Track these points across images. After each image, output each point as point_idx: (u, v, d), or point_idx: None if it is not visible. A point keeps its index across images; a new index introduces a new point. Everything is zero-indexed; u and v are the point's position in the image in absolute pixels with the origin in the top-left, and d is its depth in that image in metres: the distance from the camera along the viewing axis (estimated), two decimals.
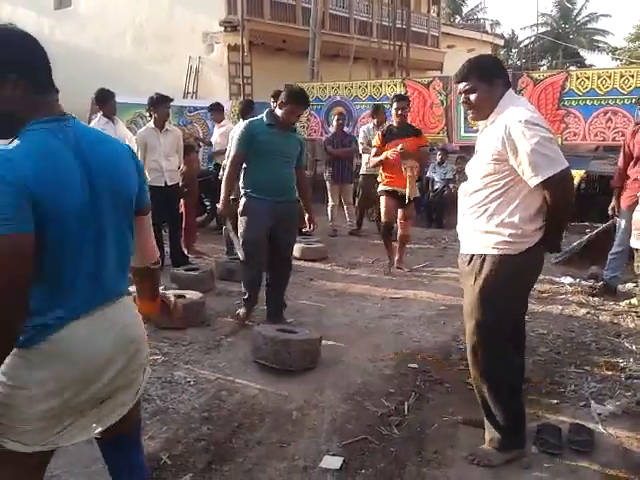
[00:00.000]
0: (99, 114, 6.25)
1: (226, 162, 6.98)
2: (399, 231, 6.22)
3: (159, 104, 6.15)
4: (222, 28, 12.56)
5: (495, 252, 2.56)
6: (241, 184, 4.45)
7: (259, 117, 4.45)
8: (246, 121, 4.66)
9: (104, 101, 6.17)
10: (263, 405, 3.27)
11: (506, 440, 2.72)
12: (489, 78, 2.58)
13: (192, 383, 3.52)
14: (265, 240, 4.38)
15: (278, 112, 4.33)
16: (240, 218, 4.42)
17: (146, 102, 6.28)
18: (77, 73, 11.68)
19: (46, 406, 1.51)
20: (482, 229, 2.59)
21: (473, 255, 2.65)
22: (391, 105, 6.48)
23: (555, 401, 3.30)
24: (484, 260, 2.59)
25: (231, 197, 4.54)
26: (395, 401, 3.32)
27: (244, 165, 4.39)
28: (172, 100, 6.41)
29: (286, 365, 3.62)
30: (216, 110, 8.49)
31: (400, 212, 6.08)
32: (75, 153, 1.52)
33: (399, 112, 6.07)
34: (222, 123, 8.35)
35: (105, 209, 1.57)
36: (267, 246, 4.42)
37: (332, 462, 2.73)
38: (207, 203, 8.72)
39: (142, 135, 6.15)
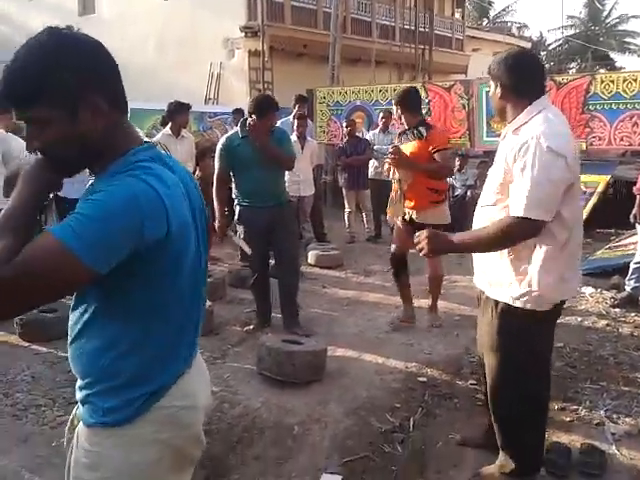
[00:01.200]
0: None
1: None
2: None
3: (177, 112, 6.15)
4: (243, 34, 12.59)
5: None
6: (233, 194, 4.50)
7: (234, 130, 4.51)
8: (223, 137, 4.65)
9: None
10: (264, 419, 3.19)
11: (520, 467, 2.59)
12: (493, 75, 2.38)
13: None
14: (264, 245, 4.45)
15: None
16: (238, 227, 4.51)
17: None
18: None
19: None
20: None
21: None
22: None
23: (568, 419, 3.16)
24: None
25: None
26: (400, 417, 3.22)
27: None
28: (190, 107, 6.40)
29: (290, 377, 3.53)
30: (238, 115, 8.56)
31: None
32: (185, 190, 1.30)
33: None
34: None
35: (202, 248, 1.38)
36: (268, 251, 4.55)
37: None
38: (226, 208, 8.69)
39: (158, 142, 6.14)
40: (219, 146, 4.44)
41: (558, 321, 4.55)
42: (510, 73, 2.32)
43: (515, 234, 2.16)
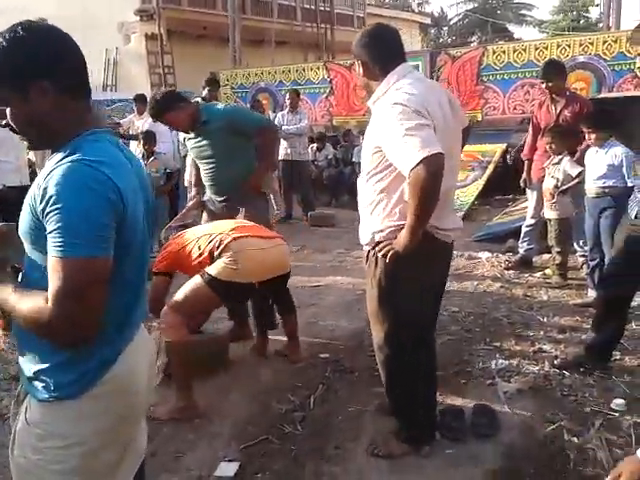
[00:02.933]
0: None
1: None
2: None
3: None
4: (138, 17, 12.12)
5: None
6: None
7: None
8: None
9: None
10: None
11: (412, 433, 2.64)
12: (356, 54, 2.42)
13: None
14: None
15: None
16: None
17: None
18: None
19: (111, 455, 1.42)
20: None
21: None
22: None
23: (462, 381, 3.26)
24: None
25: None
26: (301, 395, 3.22)
27: None
28: None
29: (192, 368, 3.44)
30: (139, 101, 8.21)
31: None
32: (134, 170, 1.42)
33: None
34: (143, 115, 8.05)
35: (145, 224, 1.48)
36: None
37: (227, 469, 2.60)
38: None
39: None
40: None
41: (455, 287, 4.75)
42: (365, 49, 2.37)
43: (427, 178, 2.07)
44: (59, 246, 1.20)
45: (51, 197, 1.21)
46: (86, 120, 1.38)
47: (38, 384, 1.36)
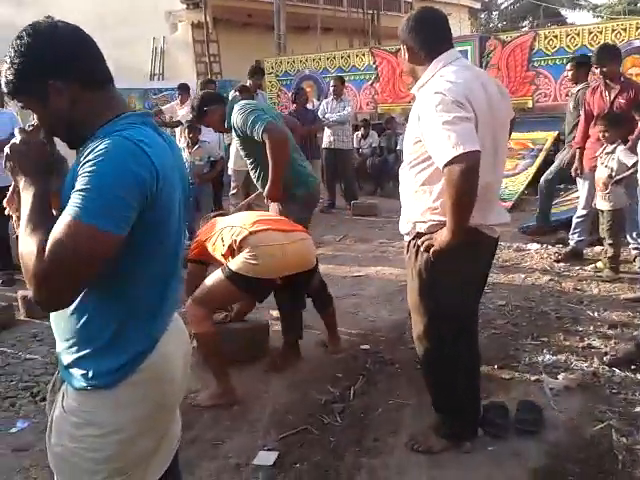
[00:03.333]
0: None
1: None
2: None
3: None
4: (184, 6, 12.17)
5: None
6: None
7: None
8: None
9: None
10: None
11: (453, 429, 2.59)
12: (402, 39, 2.35)
13: None
14: None
15: None
16: None
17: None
18: None
19: (148, 443, 1.43)
20: None
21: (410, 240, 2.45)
22: None
23: (507, 377, 3.18)
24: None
25: None
26: (341, 386, 3.19)
27: None
28: None
29: (231, 356, 3.45)
30: (183, 90, 8.32)
31: None
32: (174, 155, 1.43)
33: None
34: (186, 104, 8.13)
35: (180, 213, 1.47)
36: None
37: (266, 458, 2.60)
38: None
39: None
40: None
41: (502, 279, 4.63)
42: (412, 34, 2.30)
43: (460, 177, 2.03)
44: (78, 207, 1.17)
45: (88, 161, 1.21)
46: (113, 106, 1.36)
47: (76, 372, 1.36)
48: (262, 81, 8.94)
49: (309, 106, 8.47)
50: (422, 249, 2.32)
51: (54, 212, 1.31)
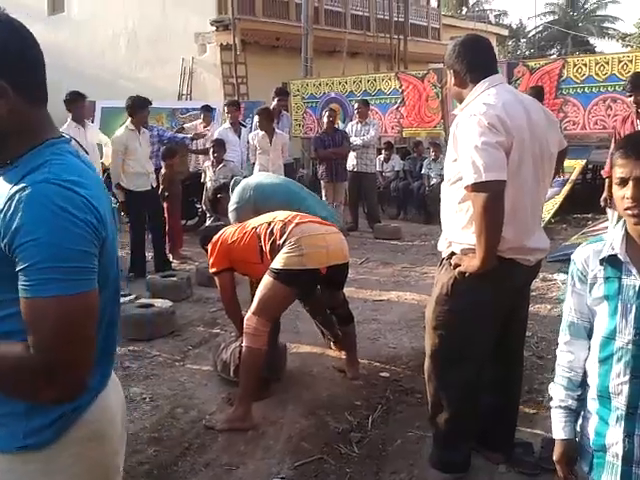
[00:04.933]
0: (69, 119, 5.98)
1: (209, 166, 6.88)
2: None
3: (139, 106, 5.99)
4: (214, 28, 12.37)
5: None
6: None
7: None
8: None
9: (71, 105, 5.93)
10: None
11: (443, 458, 2.51)
12: (446, 64, 2.41)
13: (147, 400, 3.33)
14: None
15: None
16: None
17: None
18: (73, 79, 11.56)
19: None
20: None
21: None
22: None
23: (532, 411, 3.06)
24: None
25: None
26: (360, 415, 3.11)
27: None
28: (150, 103, 6.24)
29: None
30: (206, 112, 8.43)
31: None
32: (100, 185, 1.25)
33: None
34: (208, 127, 8.25)
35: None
36: None
37: None
38: (198, 206, 8.55)
39: (120, 138, 5.95)
40: None
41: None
42: (459, 59, 2.35)
43: (483, 205, 2.07)
44: (40, 284, 1.01)
45: (21, 227, 1.02)
46: (45, 129, 1.18)
47: (2, 432, 1.16)
48: (287, 102, 8.98)
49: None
50: (451, 267, 2.32)
51: None
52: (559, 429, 1.63)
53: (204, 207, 6.97)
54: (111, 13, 13.62)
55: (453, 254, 2.34)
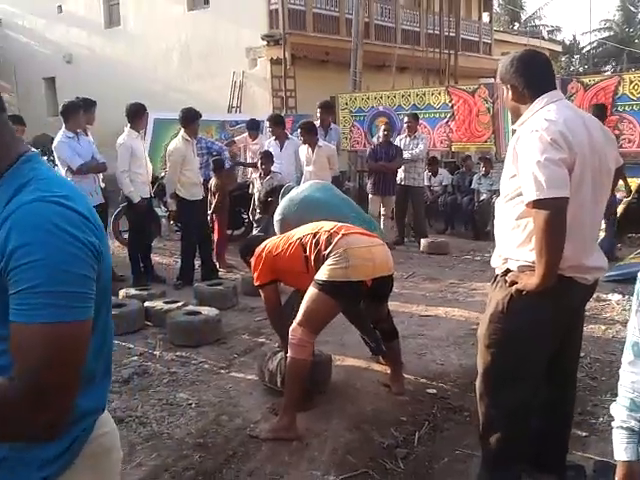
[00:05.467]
0: (62, 128, 5.74)
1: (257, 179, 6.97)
2: None
3: (192, 118, 6.11)
4: (265, 42, 12.56)
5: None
6: None
7: None
8: None
9: (68, 114, 5.71)
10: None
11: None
12: (502, 79, 2.37)
13: (193, 406, 3.36)
14: None
15: None
16: None
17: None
18: (128, 91, 11.90)
19: None
20: None
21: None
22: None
23: (585, 434, 2.96)
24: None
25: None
26: (405, 431, 3.06)
27: None
28: (201, 116, 6.36)
29: None
30: (250, 127, 8.54)
31: None
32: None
33: None
34: (255, 141, 8.36)
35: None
36: None
37: None
38: (244, 216, 8.65)
39: (179, 149, 6.05)
40: None
41: None
42: (517, 74, 2.31)
43: (545, 222, 2.04)
44: (36, 309, 0.95)
45: (18, 248, 0.96)
46: (15, 142, 1.11)
47: (15, 464, 1.09)
48: (331, 115, 8.83)
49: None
50: (507, 284, 2.27)
51: None
52: (620, 450, 1.56)
53: (251, 217, 7.06)
54: (165, 27, 14.00)
55: (509, 271, 2.29)
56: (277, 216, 4.00)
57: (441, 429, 3.08)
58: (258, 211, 6.44)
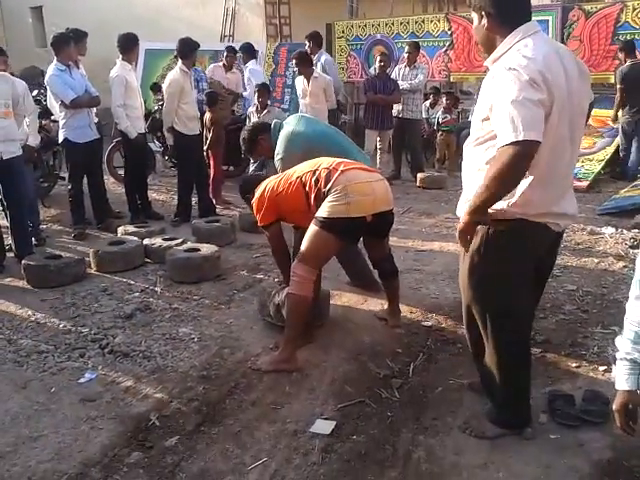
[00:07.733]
0: (54, 61, 5.47)
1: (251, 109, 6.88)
2: None
3: (191, 49, 5.93)
4: None
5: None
6: None
7: None
8: None
9: (58, 47, 5.44)
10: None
11: (503, 417, 2.53)
12: (475, 5, 2.21)
13: (196, 340, 3.46)
14: None
15: None
16: None
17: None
18: (113, 19, 11.52)
19: None
20: None
21: None
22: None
23: (575, 364, 3.07)
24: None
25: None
26: (401, 362, 3.17)
27: None
28: (199, 46, 6.17)
29: None
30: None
31: None
32: None
33: None
34: (233, 70, 8.18)
35: None
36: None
37: (323, 427, 2.62)
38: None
39: (177, 80, 5.86)
40: None
41: (574, 263, 4.45)
42: (493, 0, 2.15)
43: (509, 160, 1.96)
44: None
45: None
46: None
47: None
48: (319, 47, 8.48)
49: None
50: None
51: None
52: (622, 380, 1.65)
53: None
54: None
55: None
56: (277, 155, 3.94)
57: (435, 360, 3.20)
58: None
